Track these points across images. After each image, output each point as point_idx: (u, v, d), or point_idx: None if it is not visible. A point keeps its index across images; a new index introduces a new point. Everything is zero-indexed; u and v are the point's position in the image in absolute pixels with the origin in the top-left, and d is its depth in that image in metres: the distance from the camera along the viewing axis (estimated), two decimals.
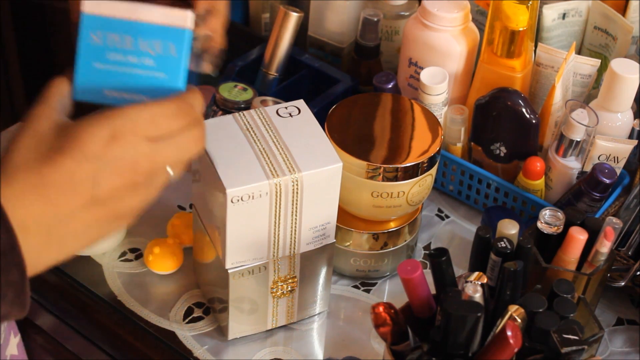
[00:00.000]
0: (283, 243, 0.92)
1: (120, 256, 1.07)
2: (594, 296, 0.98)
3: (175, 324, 1.00)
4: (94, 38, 0.69)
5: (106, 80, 0.69)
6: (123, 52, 0.69)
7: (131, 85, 0.70)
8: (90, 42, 0.69)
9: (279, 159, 0.87)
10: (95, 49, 0.69)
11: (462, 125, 1.11)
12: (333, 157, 0.89)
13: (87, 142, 0.63)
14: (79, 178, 0.63)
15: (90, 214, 0.64)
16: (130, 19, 0.69)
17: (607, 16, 1.12)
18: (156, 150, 0.66)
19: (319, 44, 1.24)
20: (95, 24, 0.69)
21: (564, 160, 1.06)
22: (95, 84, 0.69)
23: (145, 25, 0.69)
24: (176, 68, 0.70)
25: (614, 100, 1.05)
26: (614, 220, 0.93)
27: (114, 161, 0.64)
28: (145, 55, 0.69)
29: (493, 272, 0.89)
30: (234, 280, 0.92)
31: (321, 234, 0.93)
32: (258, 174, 0.86)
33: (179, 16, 0.69)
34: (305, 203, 0.89)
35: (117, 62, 0.69)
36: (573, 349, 0.80)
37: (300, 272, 0.96)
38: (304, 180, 0.87)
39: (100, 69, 0.69)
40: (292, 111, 0.92)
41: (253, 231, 0.89)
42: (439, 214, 1.15)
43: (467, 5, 1.10)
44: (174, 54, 0.69)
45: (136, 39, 0.69)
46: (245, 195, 0.85)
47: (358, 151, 0.96)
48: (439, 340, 0.81)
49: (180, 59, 0.70)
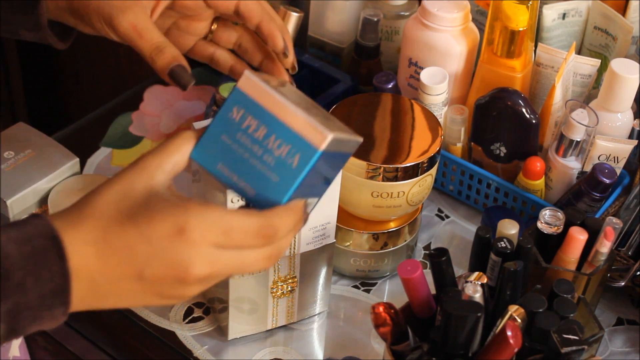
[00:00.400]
0: None
1: None
2: (594, 296, 0.98)
3: (175, 324, 1.00)
4: (234, 112, 0.68)
5: (225, 155, 0.68)
6: (252, 139, 0.68)
7: (243, 171, 0.68)
8: (229, 114, 0.68)
9: None
10: (229, 123, 0.68)
11: (462, 125, 1.11)
12: None
13: (157, 226, 0.64)
14: (135, 253, 0.64)
15: (137, 286, 0.65)
16: (274, 114, 0.67)
17: (607, 16, 1.12)
18: (217, 257, 0.65)
19: (319, 44, 1.24)
20: (242, 101, 0.68)
21: (564, 160, 1.06)
22: (214, 154, 0.68)
23: (284, 127, 0.67)
24: (290, 180, 0.67)
25: (614, 100, 1.05)
26: (614, 220, 0.93)
27: (170, 254, 0.64)
28: (270, 152, 0.68)
29: (493, 272, 0.89)
30: (234, 280, 0.92)
31: (321, 234, 0.93)
32: None
33: (318, 135, 0.67)
34: None
35: (242, 145, 0.68)
36: (573, 349, 0.80)
37: (300, 272, 0.96)
38: None
39: (225, 142, 0.68)
40: None
41: None
42: (439, 214, 1.15)
43: (467, 5, 1.10)
44: (295, 166, 0.67)
45: (269, 134, 0.67)
46: None
47: (358, 151, 0.96)
48: (439, 340, 0.81)
49: (299, 174, 0.67)
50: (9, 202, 1.01)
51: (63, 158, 1.06)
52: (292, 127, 0.67)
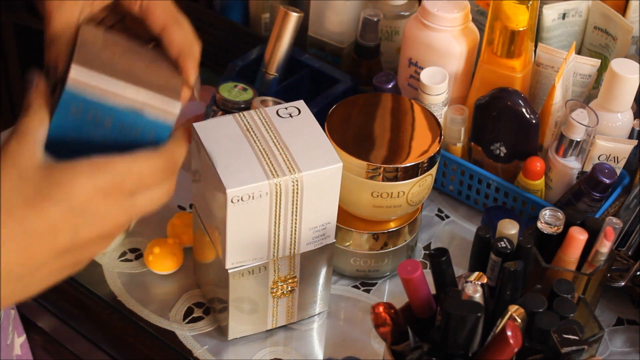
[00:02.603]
0: (283, 243, 0.92)
1: (120, 256, 1.07)
2: (594, 296, 0.98)
3: (175, 324, 1.00)
4: (72, 110, 0.67)
5: (83, 134, 0.67)
6: (102, 130, 0.68)
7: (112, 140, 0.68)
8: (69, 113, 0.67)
9: (279, 159, 0.88)
10: (73, 120, 0.67)
11: (462, 125, 1.11)
12: (333, 157, 0.89)
13: (75, 193, 0.62)
14: (61, 228, 0.62)
15: (60, 262, 0.63)
16: (114, 101, 0.67)
17: (607, 16, 1.12)
18: (133, 205, 0.65)
19: (319, 44, 1.24)
20: (77, 99, 0.67)
21: (564, 160, 1.06)
22: (72, 135, 0.67)
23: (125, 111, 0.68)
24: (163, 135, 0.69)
25: (614, 100, 1.05)
26: (614, 220, 0.93)
27: (97, 216, 0.63)
28: (125, 135, 0.68)
29: (493, 272, 0.89)
30: (234, 280, 0.92)
31: (321, 234, 0.93)
32: (258, 174, 0.86)
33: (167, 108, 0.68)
34: (305, 203, 0.89)
35: (94, 135, 0.68)
36: (573, 349, 0.80)
37: (300, 272, 0.96)
38: (304, 180, 0.87)
39: (75, 137, 0.67)
40: (292, 112, 0.92)
41: (253, 231, 0.89)
42: (439, 214, 1.15)
43: (467, 5, 1.10)
44: (153, 138, 0.68)
45: (117, 120, 0.68)
46: (246, 195, 0.85)
47: (358, 151, 0.96)
48: (439, 340, 0.81)
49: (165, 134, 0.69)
50: None
51: None
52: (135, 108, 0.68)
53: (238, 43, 1.27)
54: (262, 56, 1.17)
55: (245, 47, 1.23)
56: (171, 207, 1.12)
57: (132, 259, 1.07)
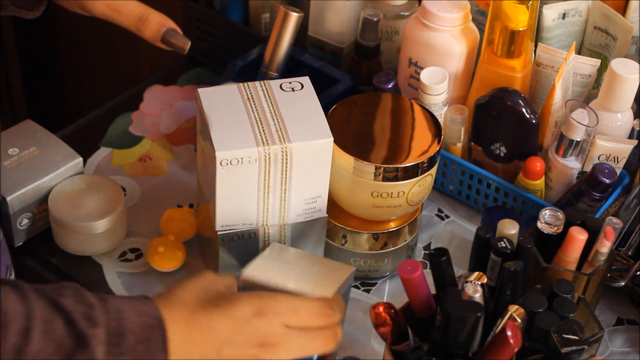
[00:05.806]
0: (272, 211, 0.94)
1: (120, 256, 1.07)
2: (594, 296, 0.98)
3: None
4: None
5: None
6: None
7: None
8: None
9: (272, 128, 0.90)
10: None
11: (462, 125, 1.11)
12: (325, 132, 0.91)
13: (238, 308, 0.76)
14: (219, 329, 0.75)
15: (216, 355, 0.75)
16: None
17: (607, 16, 1.12)
18: (287, 335, 0.77)
19: (319, 44, 1.24)
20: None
21: (564, 160, 1.06)
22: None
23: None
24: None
25: (614, 100, 1.05)
26: (614, 220, 0.93)
27: (251, 329, 0.75)
28: None
29: (493, 272, 0.89)
30: (224, 244, 0.95)
31: (312, 207, 0.95)
32: (249, 140, 0.89)
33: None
34: (295, 174, 0.92)
35: None
36: (573, 349, 0.80)
37: (291, 244, 0.97)
38: (293, 151, 0.90)
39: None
40: (295, 86, 0.96)
41: (242, 196, 0.92)
42: (439, 214, 1.15)
43: (467, 5, 1.10)
44: None
45: None
46: (234, 159, 0.88)
47: (358, 151, 0.96)
48: (439, 340, 0.81)
49: None
50: (9, 199, 1.01)
51: (66, 157, 1.06)
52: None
53: (238, 43, 1.27)
54: (262, 56, 1.17)
55: (245, 47, 1.23)
56: (171, 207, 1.11)
57: (132, 258, 1.07)
